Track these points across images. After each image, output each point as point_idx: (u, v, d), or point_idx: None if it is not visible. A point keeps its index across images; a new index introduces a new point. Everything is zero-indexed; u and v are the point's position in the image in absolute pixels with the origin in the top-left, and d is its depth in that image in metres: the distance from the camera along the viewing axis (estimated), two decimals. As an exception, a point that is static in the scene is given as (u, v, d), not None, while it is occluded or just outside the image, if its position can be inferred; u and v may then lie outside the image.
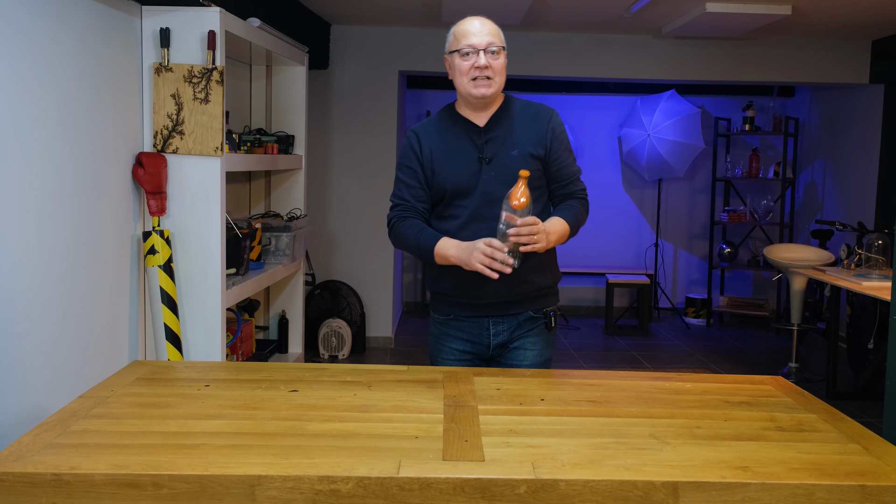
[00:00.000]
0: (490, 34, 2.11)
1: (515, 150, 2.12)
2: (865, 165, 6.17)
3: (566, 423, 1.61)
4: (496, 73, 2.10)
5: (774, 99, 7.15)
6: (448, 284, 2.19)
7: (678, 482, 1.32)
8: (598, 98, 7.19)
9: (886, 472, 1.38)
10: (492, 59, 2.09)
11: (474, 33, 2.10)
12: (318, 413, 1.63)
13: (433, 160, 2.16)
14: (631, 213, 7.32)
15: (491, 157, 2.12)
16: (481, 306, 2.18)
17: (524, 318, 2.20)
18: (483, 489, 1.32)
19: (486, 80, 2.09)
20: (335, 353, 5.51)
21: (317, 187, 5.74)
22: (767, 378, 2.00)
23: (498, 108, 2.18)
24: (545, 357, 2.24)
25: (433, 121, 2.23)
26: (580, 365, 5.49)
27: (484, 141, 2.14)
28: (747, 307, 7.05)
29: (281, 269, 3.93)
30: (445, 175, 2.14)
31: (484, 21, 2.14)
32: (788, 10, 4.62)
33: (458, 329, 2.23)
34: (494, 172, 2.11)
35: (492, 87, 2.10)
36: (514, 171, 2.05)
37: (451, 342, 2.24)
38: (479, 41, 2.09)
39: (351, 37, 5.76)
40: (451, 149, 2.15)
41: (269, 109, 4.42)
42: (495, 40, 2.11)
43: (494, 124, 2.15)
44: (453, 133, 2.17)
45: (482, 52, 2.09)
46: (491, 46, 2.09)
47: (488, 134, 2.14)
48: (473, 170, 2.12)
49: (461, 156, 2.14)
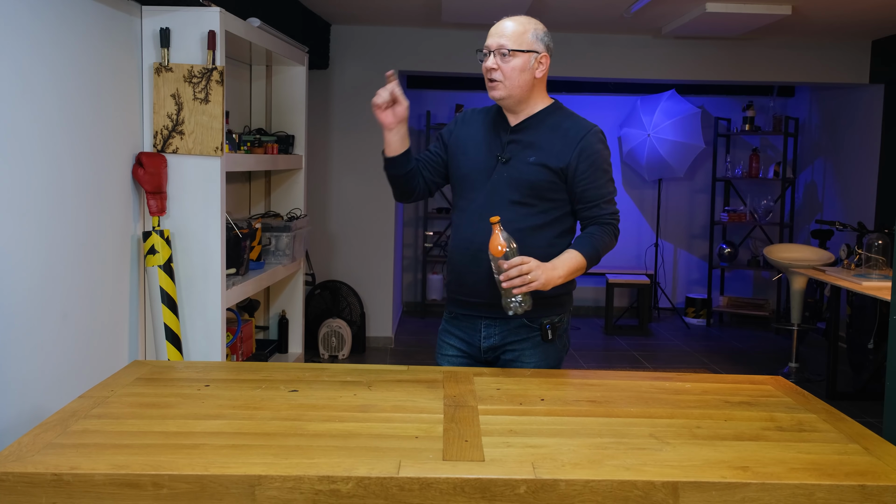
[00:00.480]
0: (505, 35, 2.06)
1: (533, 158, 2.08)
2: (865, 165, 6.17)
3: (566, 423, 1.61)
4: (506, 76, 2.05)
5: (774, 99, 7.15)
6: (449, 278, 2.24)
7: (678, 482, 1.32)
8: (598, 98, 7.19)
9: (886, 472, 1.38)
10: (501, 61, 2.05)
11: (492, 34, 2.09)
12: (318, 413, 1.63)
13: (459, 143, 2.19)
14: (631, 213, 7.32)
15: (509, 158, 2.10)
16: (474, 305, 2.17)
17: (516, 324, 2.14)
18: (483, 489, 1.32)
19: (494, 82, 2.07)
20: (335, 353, 5.50)
21: (317, 187, 5.74)
22: (767, 378, 2.00)
23: (537, 113, 2.13)
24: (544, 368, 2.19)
25: (483, 109, 2.24)
26: (580, 365, 5.49)
27: (507, 141, 2.12)
28: (747, 307, 7.05)
29: (281, 269, 3.93)
30: (461, 161, 2.17)
31: (509, 21, 2.09)
32: (788, 10, 4.62)
33: (457, 328, 2.23)
34: (507, 174, 2.09)
35: (500, 89, 2.07)
36: (526, 178, 2.06)
37: (450, 339, 2.25)
38: (491, 42, 2.08)
39: (351, 37, 5.76)
40: (479, 139, 2.17)
41: (269, 109, 4.42)
42: (507, 43, 2.05)
43: (524, 128, 2.13)
44: (488, 125, 2.18)
45: (491, 55, 2.07)
46: (501, 49, 2.05)
47: (514, 135, 2.13)
48: (489, 165, 2.12)
49: (483, 148, 2.15)
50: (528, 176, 2.07)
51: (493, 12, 2.46)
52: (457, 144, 2.20)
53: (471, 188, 2.15)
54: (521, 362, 2.16)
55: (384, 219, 5.89)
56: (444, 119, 7.08)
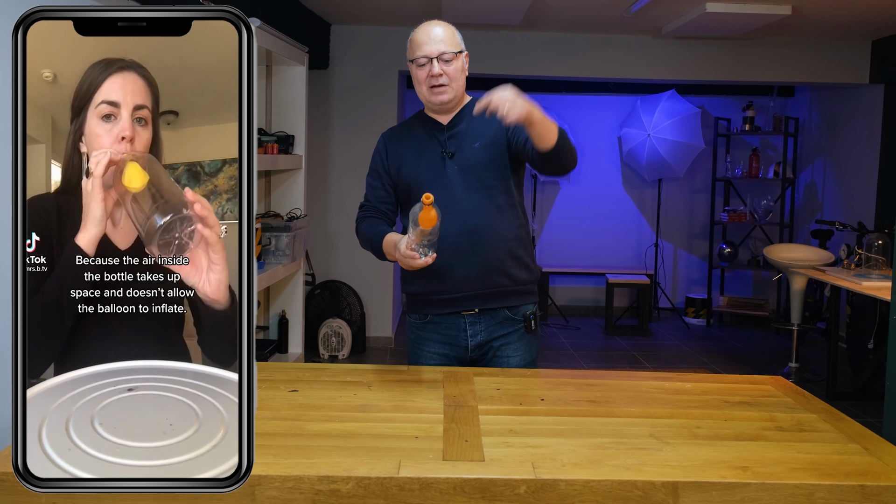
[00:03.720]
0: (442, 41, 2.11)
1: (477, 143, 2.14)
2: (865, 165, 6.17)
3: (566, 423, 1.61)
4: (452, 79, 2.12)
5: (774, 99, 7.15)
6: (419, 283, 2.17)
7: (678, 482, 1.32)
8: (598, 98, 7.19)
9: (886, 472, 1.38)
10: (445, 66, 2.11)
11: (426, 42, 2.12)
12: (318, 413, 1.63)
13: (398, 160, 2.21)
14: (631, 213, 7.32)
15: (454, 151, 2.15)
16: (455, 301, 2.14)
17: (501, 317, 2.16)
18: (483, 489, 1.32)
19: (442, 87, 2.12)
20: (335, 353, 5.50)
21: (317, 187, 5.73)
22: (767, 378, 2.00)
23: (463, 107, 2.21)
24: (528, 360, 2.21)
25: (403, 125, 2.30)
26: (580, 365, 5.49)
27: (447, 137, 2.17)
28: (747, 307, 7.05)
29: (281, 269, 3.93)
30: (409, 172, 2.19)
31: (437, 27, 2.15)
32: (788, 10, 4.62)
33: (435, 332, 2.20)
34: (458, 166, 2.14)
35: (448, 92, 2.13)
36: (477, 162, 2.12)
37: (429, 346, 2.21)
38: (430, 49, 2.11)
39: (351, 37, 5.76)
40: (416, 148, 2.20)
41: (269, 109, 4.42)
42: (447, 48, 2.11)
43: (458, 121, 2.19)
44: (418, 133, 2.22)
45: (435, 61, 2.11)
46: (444, 55, 2.11)
47: (451, 130, 2.18)
48: (437, 165, 2.16)
49: (426, 153, 2.18)
50: (478, 160, 2.12)
51: (493, 12, 2.47)
52: (397, 162, 2.21)
53: (426, 190, 2.11)
54: (507, 356, 2.17)
55: (384, 219, 5.89)
56: (444, 119, 7.08)
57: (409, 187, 2.18)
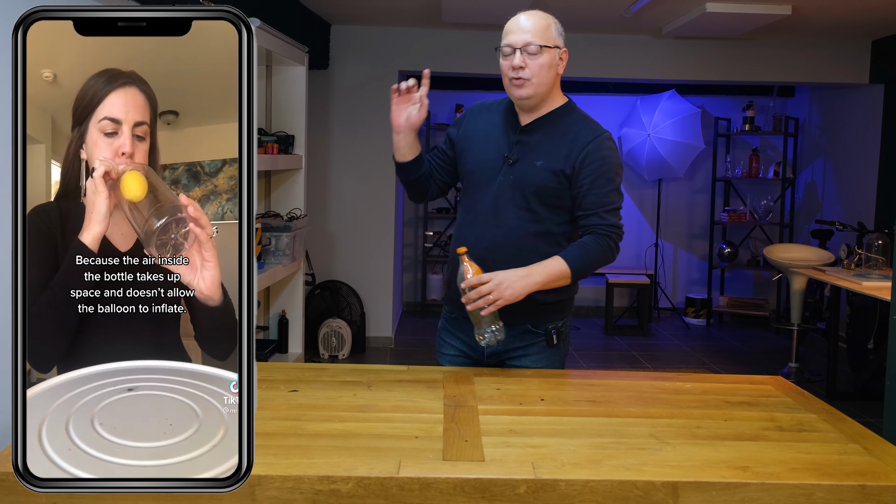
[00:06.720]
0: (530, 31, 1.99)
1: (540, 161, 2.02)
2: (865, 165, 6.17)
3: (566, 423, 1.61)
4: (534, 74, 1.98)
5: (774, 99, 7.15)
6: (450, 277, 2.16)
7: (678, 482, 1.32)
8: (598, 98, 7.19)
9: (886, 472, 1.38)
10: (529, 58, 1.98)
11: (513, 30, 2.01)
12: (318, 413, 1.63)
13: (467, 139, 2.13)
14: (631, 213, 7.32)
15: (516, 159, 2.04)
16: None
17: (521, 330, 2.08)
18: (483, 489, 1.32)
19: (521, 80, 1.99)
20: (335, 353, 5.51)
21: (317, 187, 5.73)
22: (767, 378, 2.00)
23: (548, 113, 2.07)
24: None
25: (493, 104, 2.18)
26: (580, 365, 5.49)
27: (515, 140, 2.06)
28: (747, 307, 7.05)
29: (281, 269, 3.93)
30: (468, 157, 2.11)
31: (530, 16, 2.01)
32: (788, 10, 4.62)
33: (459, 329, 2.19)
34: (514, 176, 2.03)
35: (527, 87, 2.00)
36: (532, 182, 2.01)
37: (452, 339, 2.21)
38: (516, 39, 1.99)
39: (351, 37, 5.76)
40: (487, 137, 2.10)
41: (268, 109, 4.42)
42: (534, 39, 1.97)
43: (534, 128, 2.07)
44: (498, 121, 2.11)
45: (518, 52, 1.99)
46: (528, 47, 1.98)
47: (523, 136, 2.07)
48: (496, 164, 2.06)
49: (492, 147, 2.08)
50: (533, 180, 2.01)
51: (493, 12, 2.46)
52: (465, 140, 2.13)
53: (476, 187, 2.10)
54: (524, 368, 2.13)
55: (384, 218, 5.89)
56: (444, 119, 7.08)
57: (467, 170, 2.12)
